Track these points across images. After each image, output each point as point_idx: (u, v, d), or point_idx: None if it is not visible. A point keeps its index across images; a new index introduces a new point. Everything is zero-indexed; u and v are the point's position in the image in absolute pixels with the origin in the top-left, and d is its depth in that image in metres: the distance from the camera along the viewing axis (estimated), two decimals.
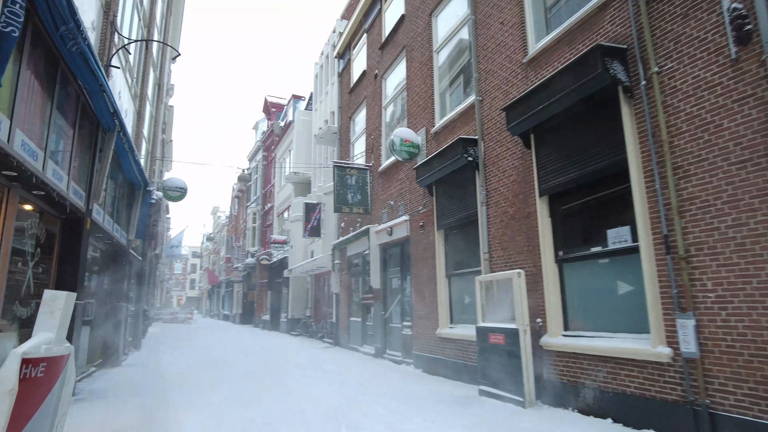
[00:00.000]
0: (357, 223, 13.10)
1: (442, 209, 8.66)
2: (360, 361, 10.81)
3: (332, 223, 15.44)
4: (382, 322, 11.04)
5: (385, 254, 11.35)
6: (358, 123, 14.33)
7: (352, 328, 13.29)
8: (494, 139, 7.36)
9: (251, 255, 29.99)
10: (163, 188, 14.29)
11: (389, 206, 10.98)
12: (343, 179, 11.76)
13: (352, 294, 13.72)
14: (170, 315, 34.25)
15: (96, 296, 8.81)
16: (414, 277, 9.60)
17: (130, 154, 8.33)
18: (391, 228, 10.56)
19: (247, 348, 14.17)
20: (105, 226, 7.93)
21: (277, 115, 29.15)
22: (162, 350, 13.26)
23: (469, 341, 7.63)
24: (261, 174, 30.76)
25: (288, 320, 21.34)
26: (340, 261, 14.32)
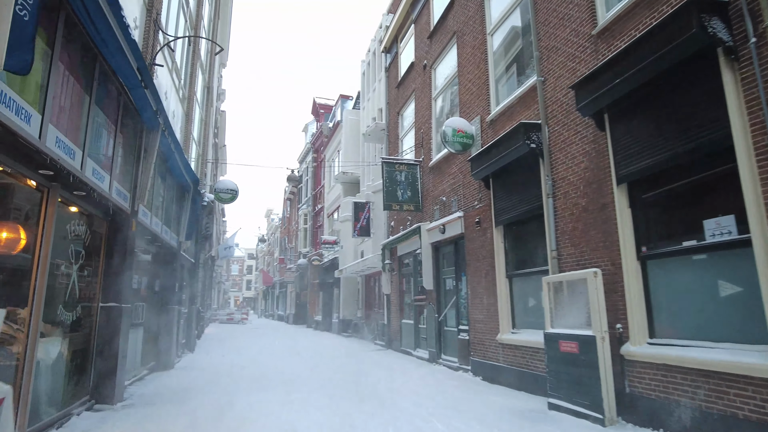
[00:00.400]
0: (407, 221, 12.57)
1: (501, 203, 7.96)
2: (413, 366, 10.27)
3: (382, 222, 14.99)
4: (435, 326, 10.44)
5: (438, 253, 10.75)
6: (406, 118, 13.80)
7: (404, 331, 12.77)
8: (560, 123, 6.60)
9: (303, 256, 30.17)
10: (215, 191, 14.38)
11: (441, 202, 10.37)
12: (392, 176, 11.26)
13: (404, 295, 13.20)
14: (227, 316, 35.12)
15: (147, 299, 8.79)
16: (470, 277, 8.95)
17: (177, 154, 8.22)
18: (443, 225, 9.94)
19: (299, 350, 13.98)
20: (153, 228, 7.84)
21: (326, 116, 29.15)
22: (215, 352, 13.31)
23: (534, 348, 6.91)
24: (311, 176, 30.90)
25: (339, 321, 21.15)
26: (390, 261, 13.84)
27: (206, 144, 14.55)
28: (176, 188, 9.92)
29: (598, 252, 5.82)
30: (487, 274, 8.31)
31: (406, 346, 12.47)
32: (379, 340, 15.54)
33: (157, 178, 8.24)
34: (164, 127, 6.92)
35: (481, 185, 8.60)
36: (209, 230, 17.40)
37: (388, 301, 14.17)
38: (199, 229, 13.61)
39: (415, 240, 11.55)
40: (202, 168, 13.95)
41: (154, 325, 9.46)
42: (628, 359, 5.24)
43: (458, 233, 9.42)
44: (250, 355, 12.45)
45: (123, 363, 6.24)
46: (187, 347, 12.74)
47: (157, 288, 9.50)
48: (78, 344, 5.64)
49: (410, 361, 11.15)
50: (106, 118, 5.50)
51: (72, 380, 5.50)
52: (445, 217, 10.01)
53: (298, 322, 32.46)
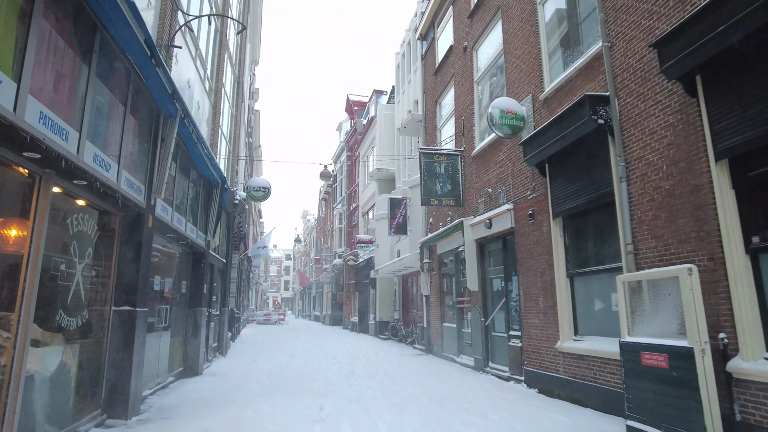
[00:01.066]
0: (447, 217, 11.65)
1: (560, 192, 6.95)
2: (458, 374, 9.35)
3: (419, 218, 14.11)
4: (482, 330, 9.48)
5: (483, 251, 9.78)
6: (444, 106, 12.88)
7: (446, 335, 11.85)
8: (634, 93, 5.56)
9: (338, 256, 29.64)
10: (247, 188, 13.89)
11: (487, 195, 9.41)
12: (430, 167, 10.38)
13: (444, 296, 12.28)
14: (264, 317, 35.05)
15: (173, 301, 8.26)
16: (522, 277, 7.96)
17: (201, 147, 7.63)
18: (490, 220, 8.98)
19: (334, 353, 13.29)
20: (175, 225, 7.27)
21: (360, 113, 28.53)
22: (248, 356, 12.78)
23: (603, 359, 5.89)
24: (345, 174, 30.34)
25: (376, 323, 20.39)
26: (429, 260, 12.95)
27: (237, 141, 14.09)
28: (202, 185, 9.39)
29: (688, 245, 4.77)
30: (544, 273, 7.31)
31: (449, 352, 11.55)
32: (418, 344, 14.66)
33: (180, 173, 7.68)
34: (183, 114, 6.30)
35: (534, 172, 7.61)
36: (243, 230, 17.00)
37: (427, 302, 13.28)
38: (231, 228, 13.14)
39: (456, 237, 10.62)
40: (234, 165, 13.49)
41: (181, 329, 8.95)
42: (738, 378, 4.19)
43: (507, 228, 8.44)
44: (284, 360, 11.84)
45: (139, 373, 5.64)
46: (219, 351, 12.26)
47: (183, 290, 8.98)
48: (87, 353, 5.06)
49: (453, 368, 10.23)
50: (113, 96, 4.89)
51: (80, 393, 4.92)
52: (492, 211, 9.04)
53: (334, 323, 31.97)
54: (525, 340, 7.84)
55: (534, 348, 7.56)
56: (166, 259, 7.84)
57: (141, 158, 5.80)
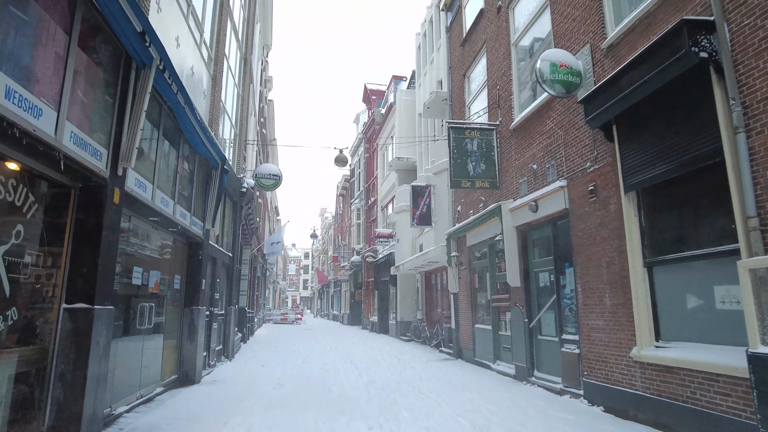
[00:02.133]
0: (479, 203, 10.21)
1: (634, 158, 5.47)
2: (496, 384, 7.93)
3: (445, 208, 12.69)
4: (525, 333, 8.03)
5: (526, 239, 8.32)
6: (474, 79, 11.44)
7: (478, 338, 10.42)
8: (751, 13, 4.07)
9: (356, 253, 28.38)
10: (256, 176, 12.68)
11: (531, 172, 7.96)
12: (461, 144, 8.96)
13: (476, 294, 10.84)
14: (281, 316, 34.02)
15: (161, 298, 7.04)
16: (581, 268, 6.50)
17: (191, 113, 6.37)
18: (535, 202, 7.54)
19: (353, 357, 11.98)
20: (159, 207, 6.02)
21: (378, 102, 27.20)
22: (257, 359, 11.56)
23: (708, 373, 4.42)
24: (363, 168, 29.06)
25: (397, 323, 19.02)
26: (457, 253, 11.53)
27: (246, 125, 12.89)
28: (198, 164, 8.15)
29: None
30: (611, 262, 5.85)
31: (483, 357, 10.11)
32: (444, 347, 13.24)
33: (165, 145, 6.44)
34: (162, 65, 5.03)
35: (597, 138, 6.15)
36: (253, 223, 15.82)
37: (456, 301, 11.86)
38: (237, 218, 11.95)
39: (492, 225, 9.19)
40: (241, 150, 12.28)
41: (174, 330, 7.74)
42: None
43: (559, 210, 6.99)
44: (296, 365, 10.57)
45: (99, 388, 4.38)
46: (225, 354, 11.06)
47: (177, 285, 7.76)
48: (22, 364, 3.83)
49: (490, 377, 8.80)
50: (44, 13, 3.61)
51: (14, 419, 3.69)
52: (538, 191, 7.60)
53: (353, 323, 30.72)
54: (584, 345, 6.38)
55: (598, 356, 6.09)
56: (151, 249, 6.61)
57: (101, 115, 4.54)
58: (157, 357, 6.96)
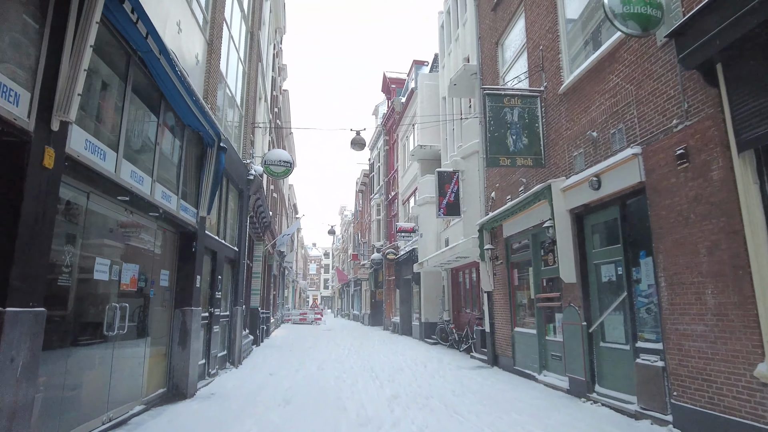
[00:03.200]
0: (520, 186, 8.78)
1: (752, 103, 3.99)
2: (548, 401, 6.51)
3: (476, 195, 11.27)
4: (582, 339, 6.58)
5: (583, 225, 6.86)
6: (509, 47, 9.99)
7: (519, 344, 8.97)
8: None
9: (377, 250, 27.10)
10: (265, 162, 11.49)
11: (589, 142, 6.51)
12: (498, 115, 7.54)
13: (516, 293, 9.39)
14: (300, 316, 32.95)
15: (145, 298, 5.85)
16: (665, 257, 5.03)
17: (171, 71, 5.14)
18: (597, 177, 6.08)
19: (373, 363, 10.67)
20: (129, 183, 4.80)
21: (398, 91, 25.83)
22: (268, 365, 10.34)
23: None
24: (383, 161, 27.75)
25: (421, 324, 17.62)
26: (492, 246, 10.09)
27: (253, 106, 11.70)
28: (189, 140, 6.94)
29: None
30: (715, 248, 4.38)
31: (524, 366, 8.67)
32: (476, 352, 11.82)
33: (137, 106, 5.22)
34: None
35: (689, 85, 4.68)
36: (265, 217, 14.65)
37: (490, 301, 10.42)
38: (244, 208, 10.75)
39: (537, 210, 7.76)
40: (247, 133, 11.09)
41: (162, 335, 6.55)
42: None
43: (631, 184, 5.53)
44: (309, 372, 9.32)
45: (16, 424, 3.15)
46: (230, 360, 9.86)
47: (164, 282, 6.56)
48: None
49: (536, 390, 7.37)
50: None
51: None
52: (599, 164, 6.14)
53: (374, 323, 29.43)
54: (672, 357, 4.91)
55: (695, 371, 4.62)
56: (124, 237, 5.41)
57: (16, 40, 3.30)
58: (136, 368, 5.75)
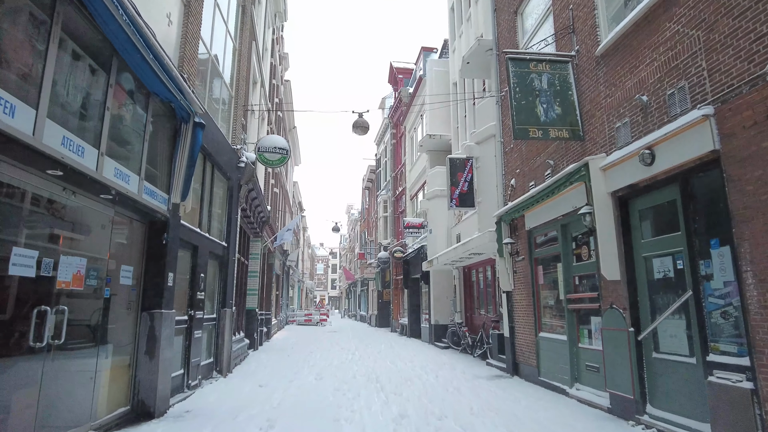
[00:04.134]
0: (546, 169, 7.63)
1: None
2: (588, 423, 5.36)
3: (492, 183, 10.11)
4: (629, 348, 5.42)
5: (629, 210, 5.70)
6: (530, 13, 8.83)
7: (545, 351, 7.81)
8: None
9: (383, 248, 26.01)
10: (258, 149, 10.42)
11: (638, 108, 5.35)
12: (525, 82, 6.40)
13: (541, 292, 8.23)
14: (305, 317, 31.94)
15: (98, 299, 4.80)
16: (752, 246, 3.86)
17: (123, 20, 4.06)
18: (649, 149, 4.92)
19: (378, 371, 9.57)
20: (62, 153, 3.74)
21: (405, 81, 24.71)
22: (261, 373, 9.27)
23: None
24: (390, 156, 26.65)
25: (431, 326, 16.48)
26: (512, 240, 8.94)
27: (243, 85, 10.64)
28: (157, 114, 5.88)
29: None
30: None
31: (551, 377, 7.51)
32: (493, 358, 10.66)
33: (71, 57, 4.15)
34: None
35: None
36: (262, 212, 13.60)
37: (510, 301, 9.27)
38: (234, 199, 9.69)
39: (568, 195, 6.61)
40: (238, 117, 10.03)
41: (126, 343, 5.49)
42: None
43: (699, 155, 4.36)
44: (306, 382, 8.24)
45: None
46: (218, 369, 8.80)
47: (128, 281, 5.50)
48: None
49: (569, 408, 6.21)
50: None
51: None
52: (652, 134, 4.98)
53: (381, 325, 28.33)
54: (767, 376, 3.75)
55: None
56: (65, 223, 4.35)
57: None
58: (84, 385, 4.68)
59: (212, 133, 7.94)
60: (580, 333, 6.84)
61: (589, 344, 6.59)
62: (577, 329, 6.92)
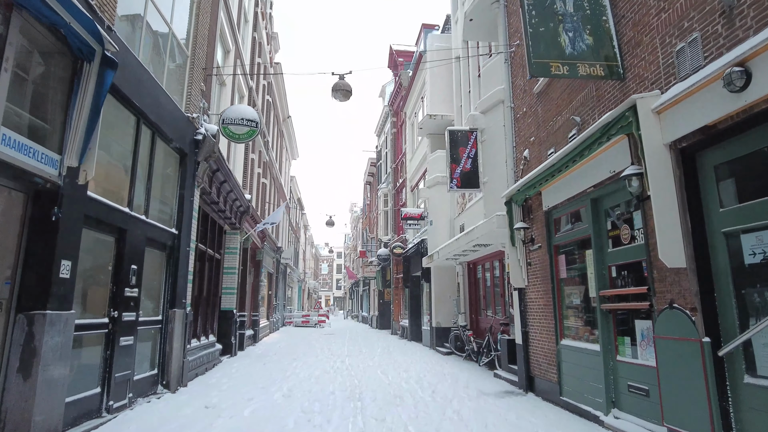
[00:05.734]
0: (571, 129, 5.95)
1: None
2: None
3: (500, 159, 8.41)
4: (703, 368, 3.73)
5: (697, 168, 4.00)
6: None
7: (569, 363, 6.11)
8: None
9: (384, 245, 24.36)
10: (222, 120, 8.83)
11: (714, 14, 3.66)
12: (543, 2, 4.72)
13: (562, 289, 6.53)
14: (302, 318, 30.32)
15: None
16: None
17: None
18: (741, 65, 3.23)
19: (364, 385, 7.94)
20: None
21: (406, 65, 23.04)
22: (219, 389, 7.67)
23: None
24: (390, 146, 24.99)
25: (432, 329, 14.77)
26: (526, 224, 7.26)
27: (201, 43, 9.04)
28: (45, 46, 4.28)
29: None
30: None
31: (578, 398, 5.81)
32: (503, 369, 8.97)
33: None
34: None
35: None
36: (237, 199, 12.01)
37: (523, 301, 7.58)
38: (188, 176, 8.08)
39: (602, 158, 4.93)
40: (195, 80, 8.42)
41: None
42: None
43: None
44: (267, 403, 6.62)
45: None
46: (164, 382, 7.19)
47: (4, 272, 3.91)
48: None
49: None
50: None
51: None
52: (749, 41, 3.29)
53: (382, 326, 26.65)
54: None
55: None
56: None
57: None
58: None
59: (150, 89, 6.34)
60: (619, 342, 5.14)
61: (632, 357, 4.90)
62: (614, 337, 5.23)
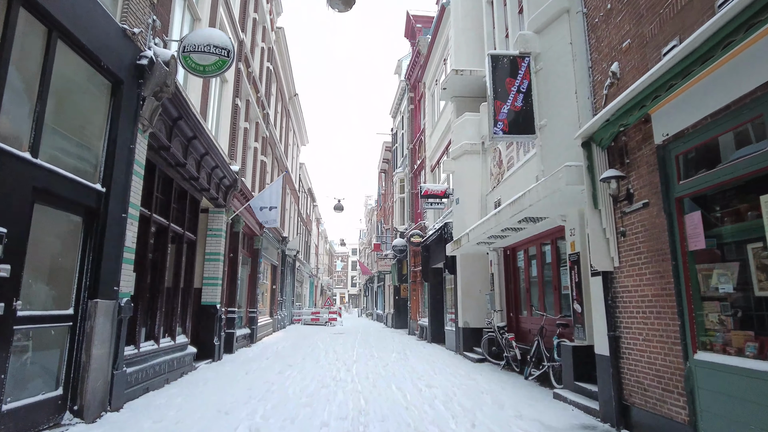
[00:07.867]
0: (705, 10, 3.44)
1: None
2: None
3: (566, 92, 5.89)
4: None
5: None
6: None
7: (712, 392, 3.61)
8: None
9: (400, 235, 21.93)
10: (184, 48, 6.52)
11: None
12: None
13: (693, 269, 4.02)
14: (312, 316, 28.10)
15: None
16: None
17: None
18: None
19: (370, 415, 5.57)
20: None
21: (425, 31, 20.55)
22: (165, 418, 5.35)
23: None
24: (407, 126, 22.52)
25: (459, 330, 12.29)
26: (620, 172, 4.75)
27: None
28: None
29: None
30: None
31: None
32: (569, 389, 6.46)
33: None
34: None
35: None
36: (217, 166, 9.72)
37: (609, 290, 5.06)
38: (129, 119, 5.74)
39: None
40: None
41: None
42: None
43: None
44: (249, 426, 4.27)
45: None
46: (75, 407, 4.87)
47: None
48: None
49: None
50: None
51: None
52: None
53: (398, 325, 24.24)
54: None
55: None
56: None
57: None
58: None
59: None
60: None
61: None
62: None
